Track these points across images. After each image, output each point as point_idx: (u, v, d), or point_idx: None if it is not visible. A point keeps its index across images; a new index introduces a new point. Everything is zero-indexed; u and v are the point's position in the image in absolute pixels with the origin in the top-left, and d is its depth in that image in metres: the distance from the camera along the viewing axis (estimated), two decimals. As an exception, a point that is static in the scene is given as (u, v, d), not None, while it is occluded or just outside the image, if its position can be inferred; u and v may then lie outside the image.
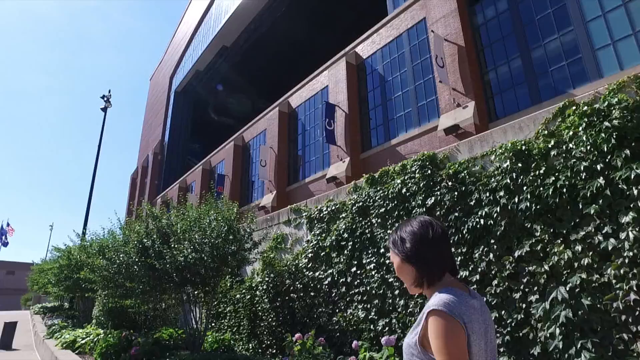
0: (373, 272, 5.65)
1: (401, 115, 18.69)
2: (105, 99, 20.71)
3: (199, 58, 45.53)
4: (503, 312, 4.16)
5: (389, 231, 5.49)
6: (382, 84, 20.11)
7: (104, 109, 20.53)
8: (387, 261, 5.46)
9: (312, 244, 6.90)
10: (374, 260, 5.67)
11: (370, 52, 21.07)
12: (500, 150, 4.55)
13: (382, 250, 5.62)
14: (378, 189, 5.82)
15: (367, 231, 5.89)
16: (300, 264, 7.07)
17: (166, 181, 47.01)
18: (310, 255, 6.90)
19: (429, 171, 5.22)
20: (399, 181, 5.50)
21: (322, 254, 6.64)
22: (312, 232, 7.01)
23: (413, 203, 5.30)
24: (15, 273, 72.01)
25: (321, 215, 6.82)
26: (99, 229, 20.13)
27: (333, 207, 6.58)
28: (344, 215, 6.33)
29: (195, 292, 7.44)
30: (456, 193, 4.83)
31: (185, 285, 7.01)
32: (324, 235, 6.59)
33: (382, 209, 5.68)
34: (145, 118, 59.97)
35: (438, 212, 4.99)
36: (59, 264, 14.27)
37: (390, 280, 5.43)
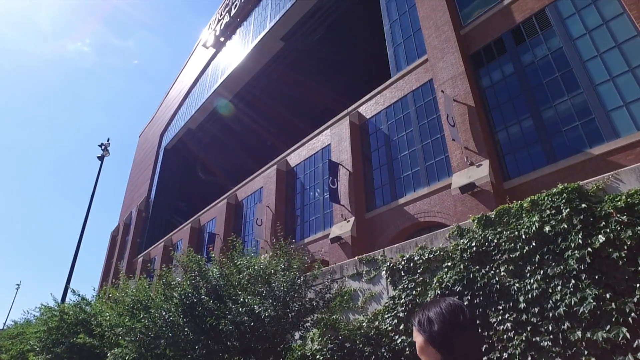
0: (511, 334, 4.63)
1: (408, 174, 18.45)
2: (103, 147, 19.99)
3: (192, 116, 45.84)
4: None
5: (528, 280, 4.62)
6: (387, 143, 20.07)
7: (101, 158, 19.72)
8: (534, 319, 4.51)
9: (401, 300, 5.87)
10: (510, 318, 4.66)
11: (374, 112, 21.28)
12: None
13: (521, 304, 4.61)
14: (498, 230, 5.00)
15: (493, 281, 4.93)
16: (384, 326, 5.92)
17: (149, 239, 45.08)
18: (400, 314, 5.78)
19: (583, 205, 4.40)
20: (534, 219, 4.70)
21: None
22: (398, 287, 6.00)
23: (567, 244, 4.43)
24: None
25: (411, 265, 5.84)
26: (83, 288, 18.18)
27: (429, 255, 5.66)
28: (448, 264, 5.41)
29: None
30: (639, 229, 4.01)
31: (249, 355, 5.65)
32: (419, 289, 5.58)
33: (514, 254, 4.81)
34: (132, 174, 58.87)
35: (615, 254, 4.16)
36: (47, 327, 12.24)
37: (543, 344, 4.30)
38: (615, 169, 11.73)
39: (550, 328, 4.19)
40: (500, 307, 4.83)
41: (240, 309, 5.18)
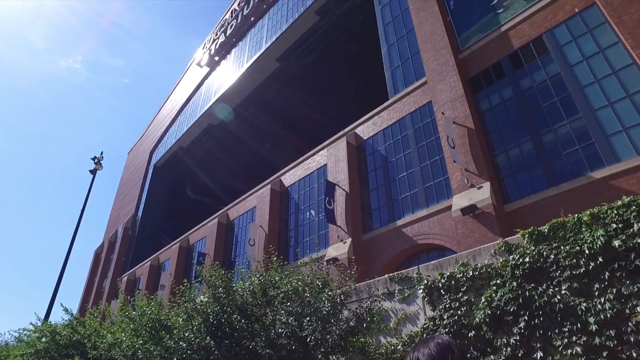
0: (582, 359, 4.26)
1: (406, 195, 18.33)
2: (96, 160, 19.42)
3: (184, 134, 45.50)
4: None
5: (598, 300, 4.29)
6: (384, 165, 20.01)
7: (93, 171, 19.13)
8: (610, 343, 4.17)
9: (443, 321, 5.48)
10: (580, 342, 4.27)
11: (372, 133, 21.29)
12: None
13: (592, 326, 4.24)
14: (554, 245, 4.71)
15: (554, 300, 4.56)
16: None
17: (135, 258, 43.95)
18: None
19: None
20: (598, 233, 4.42)
21: (468, 335, 5.10)
22: (438, 307, 5.63)
23: None
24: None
25: (452, 283, 5.48)
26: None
27: (473, 273, 5.31)
28: (497, 281, 5.06)
29: None
30: None
31: None
32: (463, 309, 5.21)
33: (577, 270, 4.51)
34: (119, 191, 57.80)
35: None
36: (35, 349, 11.18)
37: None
38: (618, 194, 11.79)
39: (634, 355, 3.93)
40: (566, 330, 4.49)
41: (280, 330, 4.74)
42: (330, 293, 5.41)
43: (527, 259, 4.93)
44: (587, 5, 15.06)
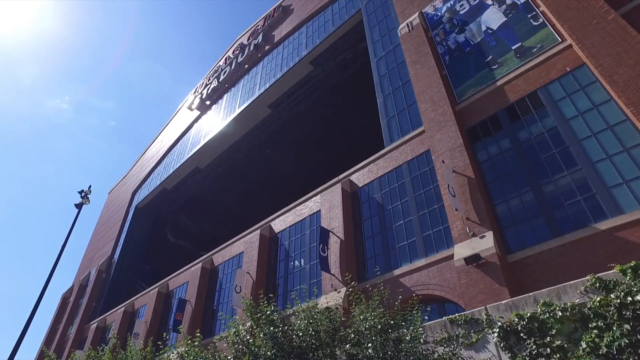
0: None
1: (404, 244, 17.92)
2: (83, 194, 18.50)
3: (169, 176, 44.73)
4: None
5: None
6: (380, 213, 19.72)
7: (79, 205, 18.16)
8: None
9: None
10: None
11: (367, 180, 21.17)
12: None
13: None
14: None
15: None
16: None
17: (107, 303, 41.40)
18: None
19: None
20: None
21: None
22: (519, 354, 4.93)
23: None
24: None
25: (534, 325, 4.75)
26: None
27: (562, 313, 4.62)
28: (599, 324, 4.40)
29: None
30: None
31: None
32: (557, 356, 4.51)
33: None
34: (96, 231, 55.50)
35: None
36: None
37: None
38: (626, 245, 11.68)
39: None
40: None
41: None
42: (414, 332, 4.83)
43: (638, 297, 4.36)
44: (577, 65, 15.78)
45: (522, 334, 4.98)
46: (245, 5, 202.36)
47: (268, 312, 5.53)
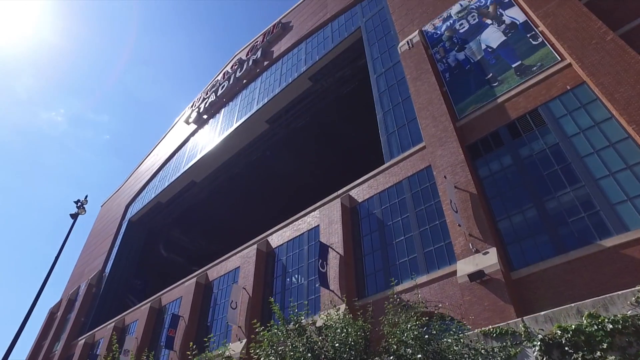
0: None
1: (404, 261, 17.69)
2: (79, 204, 18.11)
3: (164, 189, 44.32)
4: None
5: None
6: (380, 229, 19.52)
7: (74, 216, 17.76)
8: None
9: None
10: None
11: (367, 196, 21.03)
12: None
13: None
14: None
15: None
16: None
17: (97, 319, 40.37)
18: None
19: None
20: None
21: None
22: None
23: None
24: None
25: (581, 339, 4.34)
26: None
27: (614, 326, 4.26)
28: None
29: None
30: None
31: None
32: None
33: None
34: (87, 244, 54.53)
35: None
36: None
37: None
38: (632, 263, 11.56)
39: None
40: None
41: None
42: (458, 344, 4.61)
43: None
44: (577, 83, 15.94)
45: (566, 348, 4.73)
46: (243, 20, 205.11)
47: (300, 323, 5.30)
